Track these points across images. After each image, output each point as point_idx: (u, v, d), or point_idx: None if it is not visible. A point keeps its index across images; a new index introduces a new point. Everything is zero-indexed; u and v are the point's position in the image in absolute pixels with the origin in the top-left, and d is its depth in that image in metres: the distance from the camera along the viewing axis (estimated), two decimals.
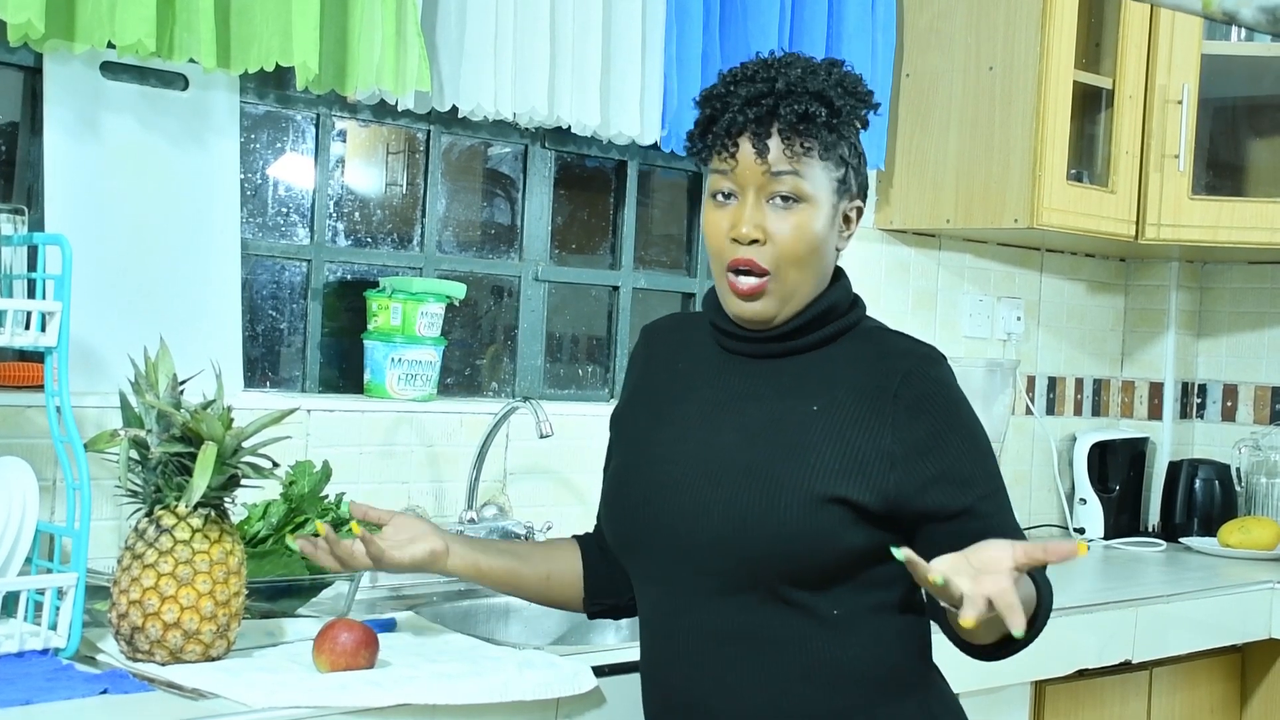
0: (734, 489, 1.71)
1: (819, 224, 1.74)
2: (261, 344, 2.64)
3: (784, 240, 1.73)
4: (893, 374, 1.73)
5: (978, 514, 1.72)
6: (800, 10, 3.10)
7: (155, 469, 1.86)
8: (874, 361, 1.75)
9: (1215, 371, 4.04)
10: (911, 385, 1.73)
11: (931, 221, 3.41)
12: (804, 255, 1.73)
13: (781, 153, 1.72)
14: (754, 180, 1.73)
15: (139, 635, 1.83)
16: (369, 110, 2.69)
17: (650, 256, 3.21)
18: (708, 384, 1.82)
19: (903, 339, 1.81)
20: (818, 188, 1.73)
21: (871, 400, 1.72)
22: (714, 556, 1.71)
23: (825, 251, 1.77)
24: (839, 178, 1.76)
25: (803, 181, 1.72)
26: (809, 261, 1.74)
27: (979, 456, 1.75)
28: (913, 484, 1.71)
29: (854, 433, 1.71)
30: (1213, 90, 3.59)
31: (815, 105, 1.72)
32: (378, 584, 2.53)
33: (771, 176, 1.72)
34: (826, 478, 1.69)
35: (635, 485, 1.82)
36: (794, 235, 1.73)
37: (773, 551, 1.68)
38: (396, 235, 2.82)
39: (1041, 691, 2.76)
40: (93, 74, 2.29)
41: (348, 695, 1.76)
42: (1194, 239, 3.46)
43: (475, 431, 2.68)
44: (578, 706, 1.96)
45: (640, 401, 1.90)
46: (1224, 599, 3.11)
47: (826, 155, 1.74)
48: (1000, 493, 1.76)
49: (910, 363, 1.75)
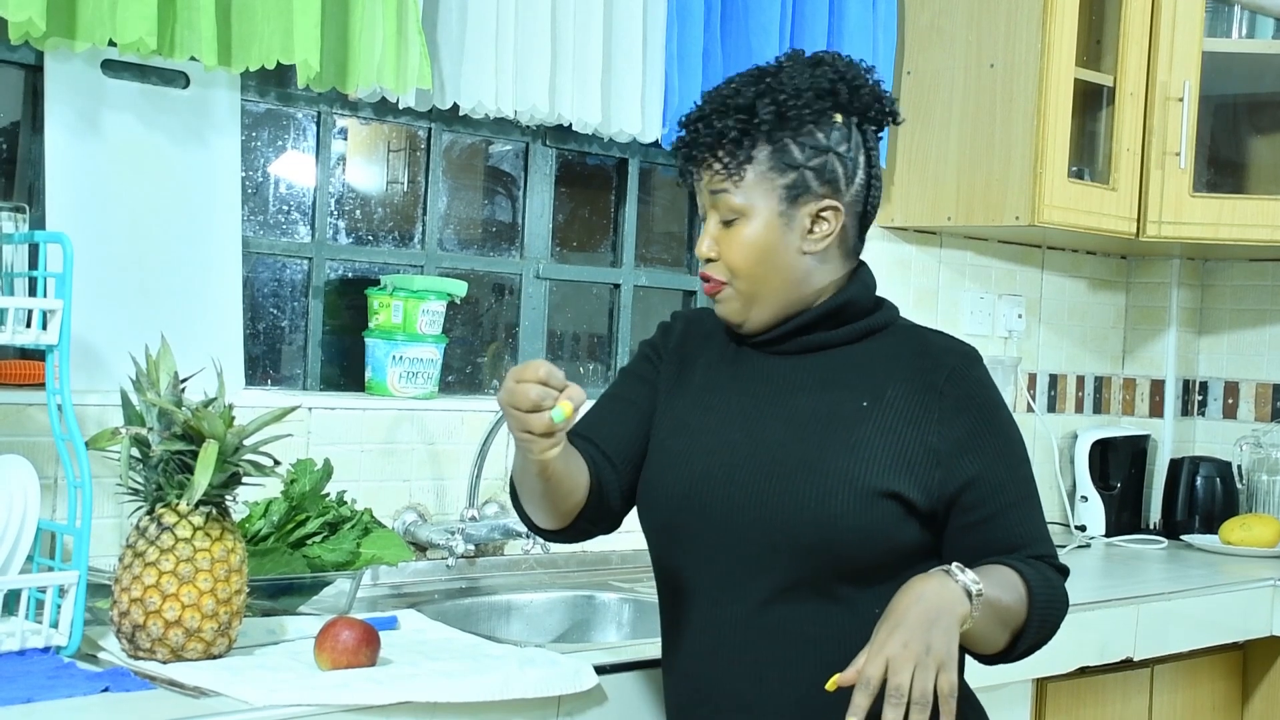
0: (787, 481, 1.73)
1: (756, 234, 1.78)
2: (263, 342, 2.64)
3: (727, 256, 1.80)
4: (938, 370, 1.77)
5: (1002, 520, 1.76)
6: (801, 8, 3.10)
7: (156, 467, 1.86)
8: (917, 358, 1.78)
9: (1216, 369, 4.04)
10: (956, 384, 1.76)
11: (933, 219, 3.41)
12: (747, 267, 1.78)
13: (714, 174, 1.79)
14: (709, 201, 1.81)
15: (140, 633, 1.83)
16: (370, 108, 2.69)
17: (651, 254, 3.21)
18: (749, 377, 1.84)
19: (942, 337, 1.84)
20: (753, 199, 1.77)
21: (919, 396, 1.75)
22: (764, 549, 1.72)
23: (778, 258, 1.78)
24: (787, 183, 1.77)
25: (732, 197, 1.78)
26: (756, 271, 1.78)
27: (1014, 461, 1.78)
28: (953, 483, 1.74)
29: (904, 428, 1.74)
30: (1214, 87, 3.58)
31: (732, 119, 1.76)
32: (379, 582, 2.54)
33: (712, 198, 1.80)
34: (879, 472, 1.71)
35: (681, 473, 1.81)
36: (734, 250, 1.79)
37: (825, 545, 1.70)
38: (398, 233, 2.82)
39: (1043, 689, 2.76)
40: (94, 72, 2.29)
41: (349, 693, 1.76)
42: (1195, 236, 3.46)
43: (477, 429, 2.68)
44: (579, 704, 1.96)
45: (682, 385, 1.89)
46: (1225, 596, 3.10)
47: (767, 164, 1.76)
48: (1030, 499, 1.80)
49: (954, 360, 1.78)
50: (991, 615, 1.68)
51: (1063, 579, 1.81)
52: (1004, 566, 1.73)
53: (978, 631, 1.68)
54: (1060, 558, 1.83)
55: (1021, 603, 1.72)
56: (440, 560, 2.60)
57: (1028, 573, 1.73)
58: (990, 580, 1.68)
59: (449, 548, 2.56)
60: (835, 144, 1.78)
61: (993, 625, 1.70)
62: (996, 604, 1.68)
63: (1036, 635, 1.76)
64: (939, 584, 1.64)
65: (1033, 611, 1.73)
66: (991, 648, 1.74)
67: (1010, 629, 1.73)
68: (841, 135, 1.79)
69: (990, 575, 1.69)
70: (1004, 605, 1.70)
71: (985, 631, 1.69)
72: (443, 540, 2.57)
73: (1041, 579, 1.75)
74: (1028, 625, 1.73)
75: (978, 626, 1.66)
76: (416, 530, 2.60)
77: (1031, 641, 1.76)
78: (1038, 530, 1.79)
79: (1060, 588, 1.78)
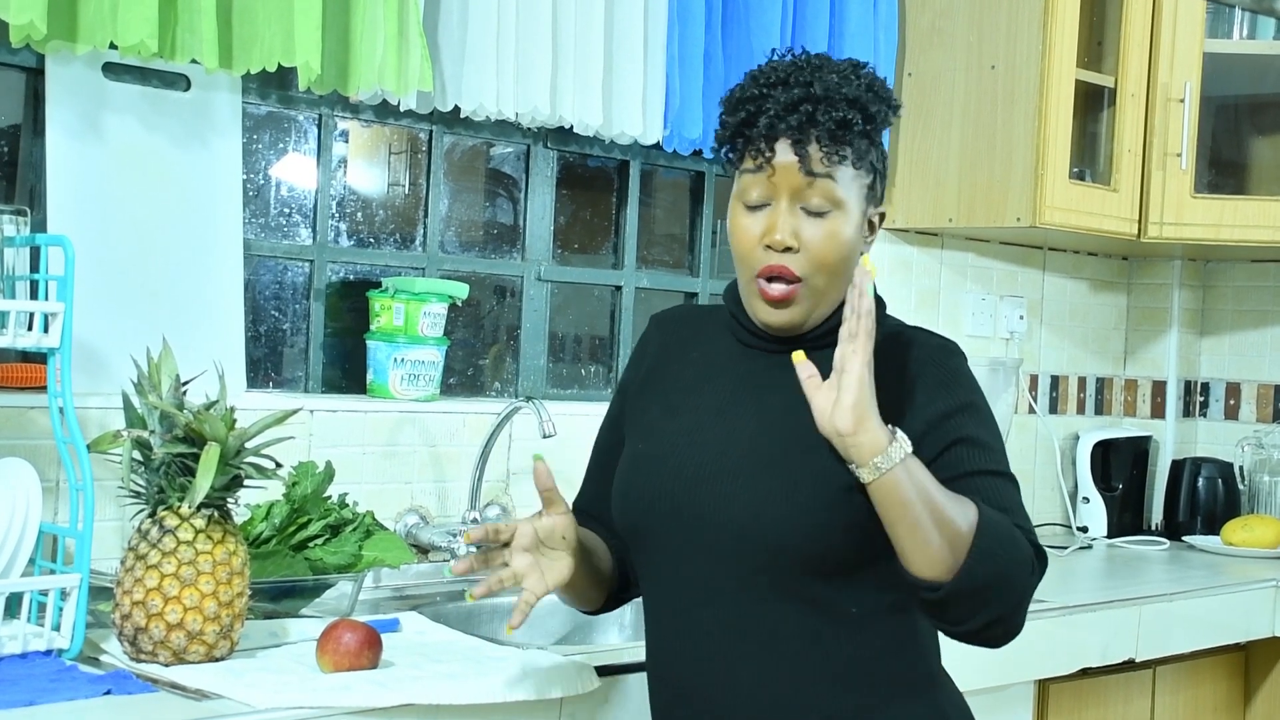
0: (754, 479, 1.71)
1: (850, 231, 1.73)
2: (264, 344, 2.64)
3: (817, 248, 1.71)
4: (912, 362, 1.74)
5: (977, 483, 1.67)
6: (802, 9, 3.10)
7: (158, 470, 1.86)
8: (891, 353, 1.75)
9: (1218, 370, 4.04)
10: (931, 372, 1.74)
11: (934, 220, 3.41)
12: (835, 263, 1.73)
13: (819, 160, 1.70)
14: (789, 186, 1.71)
15: (142, 636, 1.83)
16: (371, 110, 2.69)
17: (653, 256, 3.21)
18: (724, 374, 1.82)
19: (921, 332, 1.81)
20: (850, 195, 1.73)
21: (891, 387, 1.71)
22: (734, 548, 1.71)
23: (853, 259, 1.76)
24: (868, 184, 1.76)
25: (837, 188, 1.71)
26: (839, 269, 1.73)
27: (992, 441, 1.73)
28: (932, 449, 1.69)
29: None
30: (1215, 88, 3.58)
31: (852, 112, 1.71)
32: (380, 584, 2.54)
33: (807, 184, 1.71)
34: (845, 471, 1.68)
35: (651, 476, 1.79)
36: (827, 243, 1.72)
37: (794, 542, 1.68)
38: (399, 235, 2.82)
39: (1045, 690, 2.76)
40: (95, 75, 2.29)
41: (351, 695, 1.76)
42: (1196, 237, 3.46)
43: (478, 432, 2.68)
44: (581, 706, 1.96)
45: (652, 390, 1.88)
46: (1227, 597, 3.10)
47: (859, 162, 1.73)
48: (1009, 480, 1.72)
49: (928, 352, 1.76)
50: (919, 497, 1.59)
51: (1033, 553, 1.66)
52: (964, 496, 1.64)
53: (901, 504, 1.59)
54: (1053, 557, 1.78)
55: (963, 521, 1.60)
56: (442, 562, 2.60)
57: (985, 508, 1.63)
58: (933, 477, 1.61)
59: (451, 550, 2.56)
60: (885, 151, 1.81)
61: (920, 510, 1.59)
62: (927, 490, 1.59)
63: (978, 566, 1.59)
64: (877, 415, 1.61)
65: (978, 539, 1.60)
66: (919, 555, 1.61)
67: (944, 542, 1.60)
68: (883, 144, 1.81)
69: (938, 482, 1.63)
70: (937, 501, 1.59)
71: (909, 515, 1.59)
72: (444, 542, 2.57)
73: (1001, 520, 1.63)
74: (971, 551, 1.59)
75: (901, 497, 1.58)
76: (418, 532, 2.60)
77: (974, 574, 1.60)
78: (1016, 505, 1.70)
79: (1023, 547, 1.64)
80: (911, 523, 1.60)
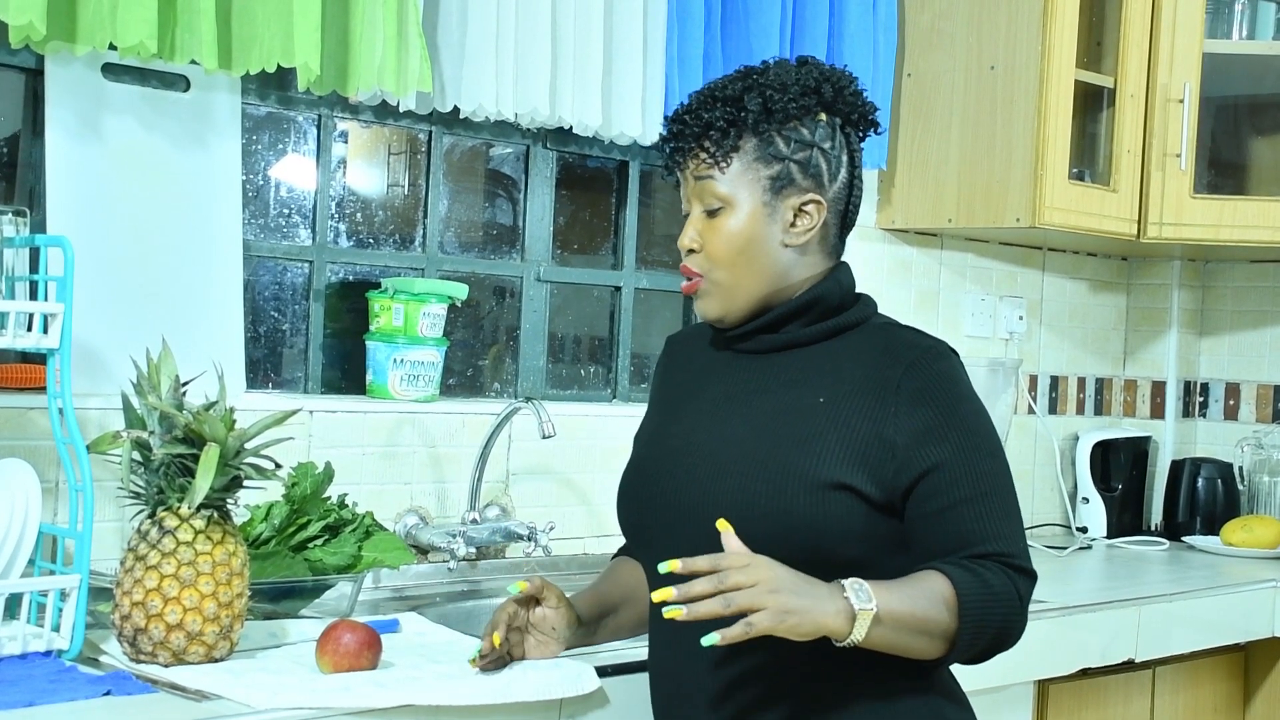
0: (741, 479, 1.73)
1: (739, 224, 1.79)
2: (264, 345, 2.64)
3: (709, 245, 1.82)
4: (897, 365, 1.75)
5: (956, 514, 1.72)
6: (801, 10, 3.10)
7: (158, 470, 1.86)
8: (880, 355, 1.77)
9: (1217, 370, 4.04)
10: (914, 377, 1.74)
11: (933, 221, 3.41)
12: (728, 257, 1.80)
13: (696, 164, 1.81)
14: (690, 193, 1.83)
15: (142, 637, 1.83)
16: (370, 111, 2.69)
17: (652, 256, 3.21)
18: (718, 380, 1.86)
19: (912, 333, 1.82)
20: (737, 189, 1.79)
21: (876, 391, 1.74)
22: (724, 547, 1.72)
23: (760, 249, 1.80)
24: (772, 174, 1.79)
25: (718, 185, 1.80)
26: (737, 262, 1.80)
27: (976, 456, 1.74)
28: (908, 475, 1.72)
29: (859, 421, 1.73)
30: (1214, 89, 3.58)
31: (719, 110, 1.79)
32: (380, 585, 2.53)
33: (698, 186, 1.81)
34: (831, 465, 1.70)
35: (649, 479, 1.85)
36: (716, 239, 1.81)
37: (779, 540, 1.69)
38: (398, 236, 2.82)
39: (1045, 691, 2.76)
40: (94, 76, 2.29)
41: (351, 696, 1.76)
42: (1196, 238, 3.46)
43: (478, 432, 2.68)
44: (581, 707, 1.96)
45: (658, 402, 1.96)
46: (1227, 598, 3.10)
47: (752, 155, 1.79)
48: (990, 496, 1.74)
49: (915, 354, 1.76)
50: (901, 628, 1.65)
51: (1018, 578, 1.72)
52: (933, 572, 1.69)
53: (891, 643, 1.65)
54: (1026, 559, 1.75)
55: (945, 610, 1.67)
56: (442, 563, 2.60)
57: (958, 576, 1.68)
58: (902, 593, 1.65)
59: (450, 550, 2.56)
60: (820, 140, 1.80)
61: (907, 636, 1.66)
62: (905, 618, 1.64)
63: (975, 639, 1.69)
64: (826, 592, 1.62)
65: (964, 618, 1.67)
66: (921, 656, 1.70)
67: (938, 637, 1.68)
68: (826, 133, 1.81)
69: (906, 586, 1.66)
70: (918, 618, 1.65)
71: (901, 643, 1.66)
72: (444, 543, 2.57)
73: (976, 582, 1.69)
74: (961, 632, 1.68)
75: (888, 639, 1.64)
76: (418, 533, 2.60)
77: (974, 645, 1.70)
78: (994, 527, 1.73)
79: (1004, 588, 1.70)
80: (902, 648, 1.68)
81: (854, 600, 1.62)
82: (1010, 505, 1.76)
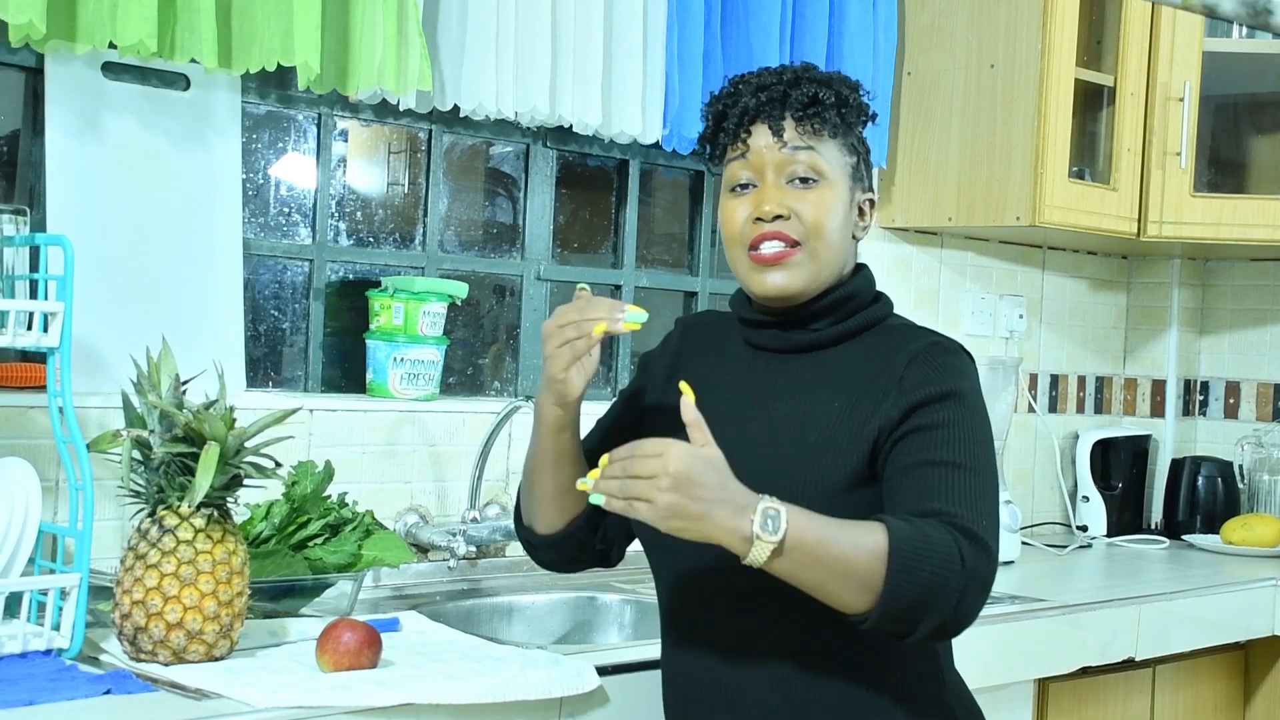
0: (758, 483, 1.69)
1: (839, 202, 1.77)
2: (264, 344, 2.64)
3: (808, 214, 1.74)
4: (904, 357, 1.74)
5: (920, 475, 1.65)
6: (801, 9, 3.10)
7: (158, 469, 1.86)
8: (893, 353, 1.76)
9: (1217, 368, 4.04)
10: (918, 367, 1.73)
11: (933, 220, 3.41)
12: (828, 230, 1.75)
13: (796, 131, 1.75)
14: (771, 162, 1.75)
15: (142, 635, 1.83)
16: (370, 110, 2.69)
17: (652, 255, 3.21)
18: (735, 380, 1.84)
19: (925, 332, 1.81)
20: (834, 167, 1.77)
21: (885, 385, 1.73)
22: None
23: (844, 233, 1.79)
24: (852, 164, 1.80)
25: (820, 158, 1.75)
26: (833, 239, 1.76)
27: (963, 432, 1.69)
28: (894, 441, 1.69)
29: (870, 418, 1.71)
30: (1214, 87, 3.59)
31: (824, 90, 1.76)
32: (380, 584, 2.54)
33: (789, 156, 1.75)
34: (844, 471, 1.70)
35: None
36: (817, 209, 1.74)
37: None
38: (398, 235, 2.82)
39: (1045, 689, 2.76)
40: (94, 74, 2.29)
41: (351, 695, 1.76)
42: (1196, 236, 3.46)
43: (478, 431, 2.68)
44: (581, 706, 1.96)
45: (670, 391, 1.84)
46: (1227, 596, 3.10)
47: (839, 138, 1.78)
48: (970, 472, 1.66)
49: (921, 347, 1.75)
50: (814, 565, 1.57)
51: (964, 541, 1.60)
52: (872, 521, 1.60)
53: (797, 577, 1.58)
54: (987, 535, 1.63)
55: (870, 558, 1.57)
56: (442, 562, 2.61)
57: (895, 524, 1.59)
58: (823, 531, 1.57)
59: (450, 549, 2.56)
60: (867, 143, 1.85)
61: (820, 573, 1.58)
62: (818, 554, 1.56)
63: (901, 587, 1.57)
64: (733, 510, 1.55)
65: (890, 561, 1.57)
66: (841, 603, 1.60)
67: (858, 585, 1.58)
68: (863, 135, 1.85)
69: (832, 525, 1.58)
70: (833, 555, 1.56)
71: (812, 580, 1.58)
72: (444, 542, 2.57)
73: (911, 529, 1.59)
74: (886, 578, 1.57)
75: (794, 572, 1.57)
76: (418, 532, 2.60)
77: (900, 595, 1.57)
78: (959, 496, 1.64)
79: (943, 543, 1.59)
80: (814, 586, 1.59)
81: (756, 525, 1.55)
82: (986, 488, 1.68)
